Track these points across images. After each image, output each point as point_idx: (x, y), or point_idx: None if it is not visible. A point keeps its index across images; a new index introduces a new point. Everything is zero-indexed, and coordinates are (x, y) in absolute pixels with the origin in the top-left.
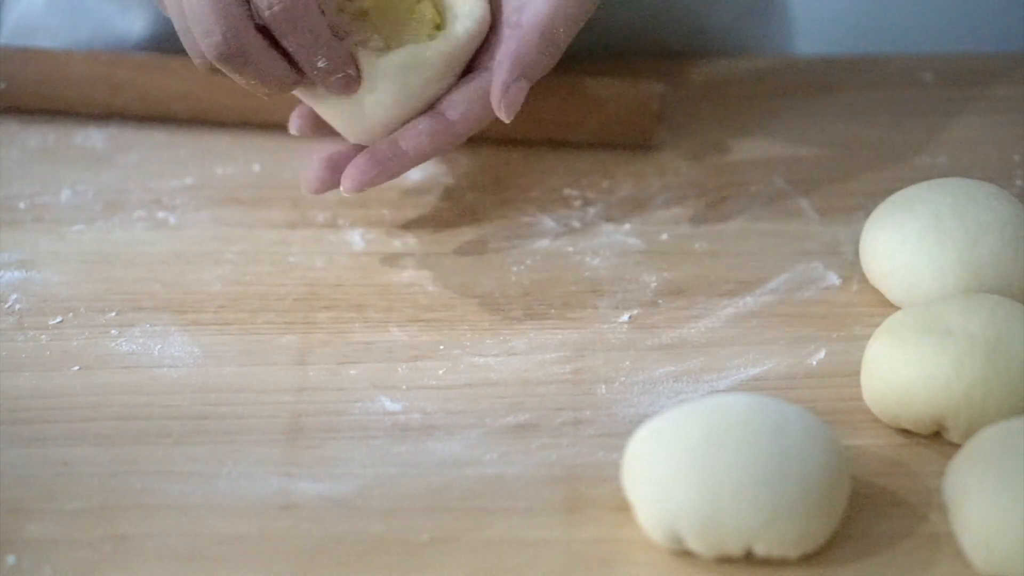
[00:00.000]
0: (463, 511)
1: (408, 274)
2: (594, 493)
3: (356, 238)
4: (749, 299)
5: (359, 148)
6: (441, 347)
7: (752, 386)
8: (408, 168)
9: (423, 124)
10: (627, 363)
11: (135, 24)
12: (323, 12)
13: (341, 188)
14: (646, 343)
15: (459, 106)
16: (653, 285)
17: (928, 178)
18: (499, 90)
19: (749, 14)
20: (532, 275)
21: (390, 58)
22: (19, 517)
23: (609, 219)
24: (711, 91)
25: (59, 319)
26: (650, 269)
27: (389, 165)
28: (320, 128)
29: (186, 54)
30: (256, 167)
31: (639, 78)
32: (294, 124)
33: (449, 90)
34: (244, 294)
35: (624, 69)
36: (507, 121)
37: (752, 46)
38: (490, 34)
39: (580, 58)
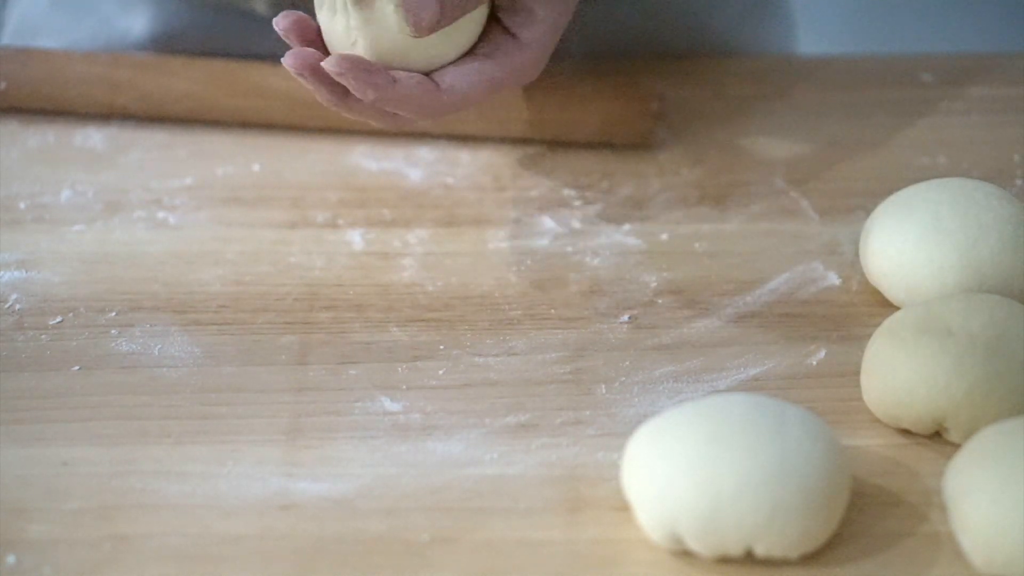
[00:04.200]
0: (463, 511)
1: (408, 274)
2: (594, 493)
3: (356, 238)
4: (749, 299)
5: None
6: (441, 347)
7: (752, 386)
8: (385, 96)
9: (415, 78)
10: (627, 363)
11: (136, 22)
12: None
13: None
14: (646, 343)
15: (449, 75)
16: (653, 285)
17: (928, 178)
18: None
19: (749, 14)
20: (532, 275)
21: None
22: (19, 517)
23: (609, 219)
24: (711, 91)
25: (59, 319)
26: (650, 269)
27: (372, 77)
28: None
29: (186, 54)
30: (256, 167)
31: (639, 78)
32: (289, 59)
33: (446, 65)
34: (244, 294)
35: (624, 69)
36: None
37: (752, 46)
38: (493, 26)
39: (580, 58)
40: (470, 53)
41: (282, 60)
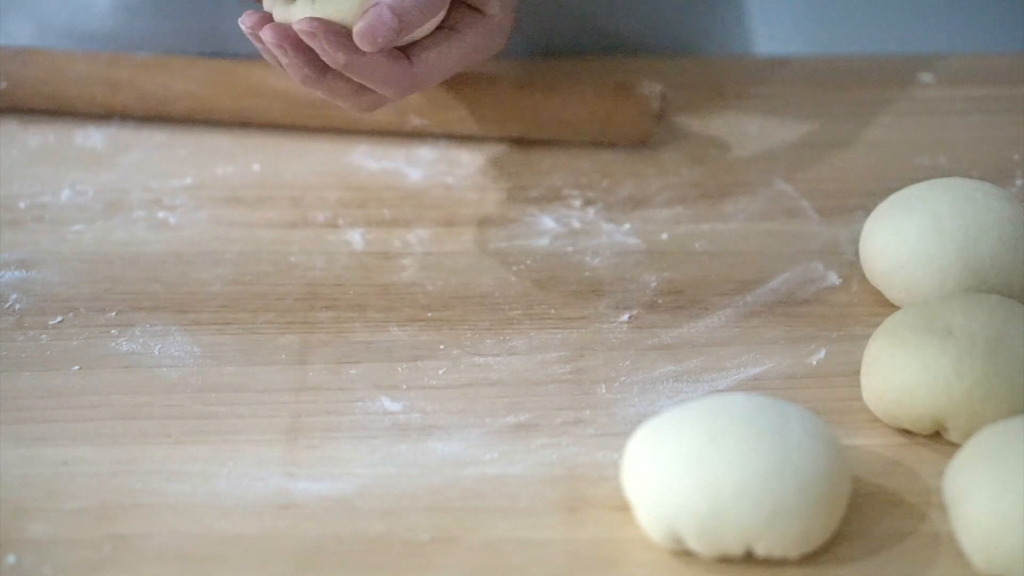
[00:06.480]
0: (463, 511)
1: (408, 274)
2: (594, 493)
3: (356, 238)
4: (749, 299)
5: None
6: (441, 347)
7: (752, 386)
8: (356, 62)
9: (386, 50)
10: (627, 363)
11: None
12: None
13: (297, 25)
14: (646, 343)
15: (420, 49)
16: (653, 285)
17: (928, 178)
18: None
19: (749, 14)
20: (532, 275)
21: None
22: (19, 517)
23: (609, 219)
24: (711, 91)
25: (59, 319)
26: (650, 269)
27: (344, 39)
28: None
29: (186, 54)
30: (256, 167)
31: (639, 78)
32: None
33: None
34: (244, 294)
35: (624, 69)
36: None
37: (751, 46)
38: (456, 3)
39: (580, 58)
40: (438, 28)
41: (259, 32)
